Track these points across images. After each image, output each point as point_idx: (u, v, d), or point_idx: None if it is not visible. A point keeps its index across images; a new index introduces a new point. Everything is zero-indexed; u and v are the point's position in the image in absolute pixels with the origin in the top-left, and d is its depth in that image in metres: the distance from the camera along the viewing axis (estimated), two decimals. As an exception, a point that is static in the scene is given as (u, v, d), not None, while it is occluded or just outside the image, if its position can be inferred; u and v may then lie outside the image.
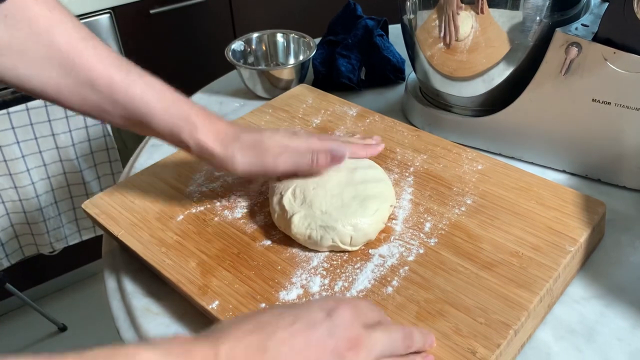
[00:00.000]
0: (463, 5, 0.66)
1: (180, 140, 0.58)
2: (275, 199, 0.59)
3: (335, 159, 0.59)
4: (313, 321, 0.42)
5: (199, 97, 0.96)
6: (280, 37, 0.97)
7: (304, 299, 0.52)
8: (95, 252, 0.85)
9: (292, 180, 0.60)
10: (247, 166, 0.59)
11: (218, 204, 0.64)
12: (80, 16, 1.39)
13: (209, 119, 0.59)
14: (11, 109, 1.32)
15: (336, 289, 0.53)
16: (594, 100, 0.65)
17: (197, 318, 0.55)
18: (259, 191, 0.66)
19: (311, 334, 0.41)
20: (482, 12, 0.66)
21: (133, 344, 0.37)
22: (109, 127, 1.45)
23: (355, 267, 0.55)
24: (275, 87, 0.90)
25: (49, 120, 1.37)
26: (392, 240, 0.58)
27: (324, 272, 0.55)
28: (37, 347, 1.65)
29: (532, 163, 0.73)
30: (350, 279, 0.54)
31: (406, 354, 0.45)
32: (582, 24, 0.66)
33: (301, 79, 0.91)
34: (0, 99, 1.36)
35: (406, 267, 0.54)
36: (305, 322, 0.41)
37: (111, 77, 0.55)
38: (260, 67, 0.95)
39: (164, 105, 0.57)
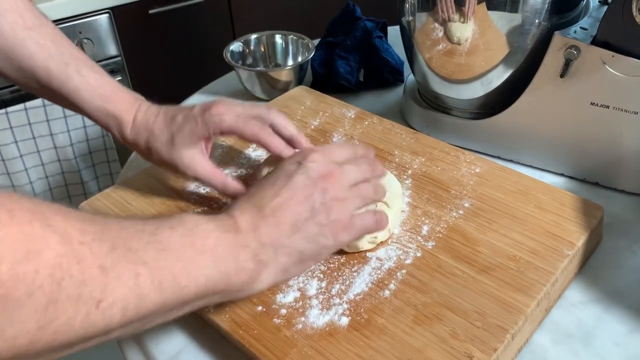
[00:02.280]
0: (462, 7, 0.66)
1: (113, 134, 0.62)
2: None
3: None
4: (288, 173, 0.49)
5: (197, 97, 0.96)
6: (278, 39, 0.97)
7: (301, 302, 0.52)
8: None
9: None
10: (165, 161, 0.61)
11: (216, 205, 0.64)
12: (80, 16, 1.39)
13: (135, 116, 0.61)
14: (9, 109, 1.31)
15: (333, 291, 0.53)
16: (592, 103, 0.65)
17: (194, 320, 0.55)
18: (257, 193, 0.66)
19: (291, 183, 0.48)
20: (481, 15, 0.66)
21: (189, 214, 0.45)
22: (107, 127, 1.45)
23: (353, 270, 0.55)
24: (273, 88, 0.90)
25: (47, 120, 1.37)
26: (389, 243, 0.58)
27: (321, 275, 0.55)
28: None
29: (530, 166, 0.73)
30: (348, 282, 0.54)
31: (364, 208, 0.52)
32: (580, 27, 0.66)
33: (299, 81, 0.91)
34: (-2, 98, 1.36)
35: (403, 271, 0.54)
36: (282, 177, 0.49)
37: (49, 70, 0.59)
38: (258, 69, 0.95)
39: (96, 105, 0.61)
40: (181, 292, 0.40)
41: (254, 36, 0.96)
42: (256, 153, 0.73)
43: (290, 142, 0.60)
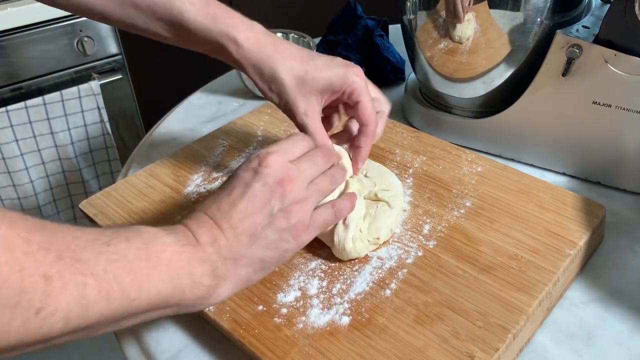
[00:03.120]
0: (463, 5, 0.66)
1: (229, 56, 0.58)
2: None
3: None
4: (245, 182, 0.47)
5: (198, 96, 0.96)
6: (279, 37, 0.97)
7: (302, 302, 0.52)
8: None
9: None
10: (290, 81, 0.57)
11: (216, 204, 0.64)
12: (80, 16, 1.39)
13: (252, 33, 0.58)
14: (10, 107, 1.31)
15: (334, 291, 0.53)
16: (594, 102, 0.65)
17: (194, 320, 0.55)
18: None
19: (248, 192, 0.47)
20: (483, 13, 0.65)
21: (146, 227, 0.44)
22: (108, 126, 1.45)
23: (354, 269, 0.55)
24: (274, 87, 0.89)
25: (48, 119, 1.36)
26: (390, 242, 0.57)
27: (322, 275, 0.55)
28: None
29: (531, 165, 0.73)
30: (349, 281, 0.54)
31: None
32: (583, 26, 0.65)
33: (301, 79, 0.90)
34: (-1, 96, 1.36)
35: (405, 270, 0.54)
36: (239, 186, 0.47)
37: None
38: (259, 67, 0.95)
39: (203, 25, 0.57)
40: (130, 304, 0.39)
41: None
42: (256, 151, 0.72)
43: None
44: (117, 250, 0.39)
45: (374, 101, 0.59)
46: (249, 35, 0.57)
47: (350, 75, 0.56)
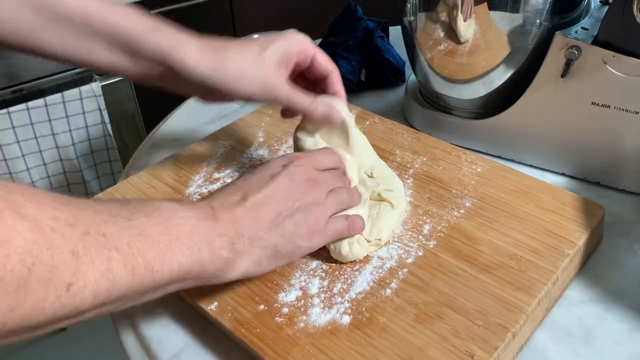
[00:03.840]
0: (463, 7, 0.66)
1: (169, 63, 0.55)
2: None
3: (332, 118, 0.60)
4: (273, 173, 0.51)
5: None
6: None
7: (303, 301, 0.52)
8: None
9: None
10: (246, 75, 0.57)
11: (217, 205, 0.64)
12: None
13: (196, 37, 0.57)
14: (11, 109, 1.32)
15: (335, 290, 0.53)
16: (593, 103, 0.65)
17: (196, 319, 0.55)
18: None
19: (275, 182, 0.50)
20: (483, 15, 0.66)
21: (153, 200, 0.47)
22: (109, 127, 1.45)
23: (354, 269, 0.55)
24: (275, 88, 0.90)
25: (49, 120, 1.37)
26: (391, 242, 0.58)
27: (323, 274, 0.55)
28: (36, 347, 1.65)
29: (531, 166, 0.73)
30: (349, 280, 0.54)
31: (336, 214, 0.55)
32: (582, 27, 0.66)
33: (301, 80, 0.91)
34: (0, 98, 1.36)
35: (405, 270, 0.55)
36: (267, 175, 0.51)
37: (86, 8, 0.54)
38: (260, 68, 0.95)
39: (147, 29, 0.55)
40: (154, 276, 0.41)
41: (255, 36, 0.96)
42: (258, 152, 0.73)
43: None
44: (138, 225, 0.41)
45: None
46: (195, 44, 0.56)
47: (294, 38, 0.59)
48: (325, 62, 0.60)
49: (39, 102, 1.34)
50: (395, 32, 0.94)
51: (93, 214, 0.39)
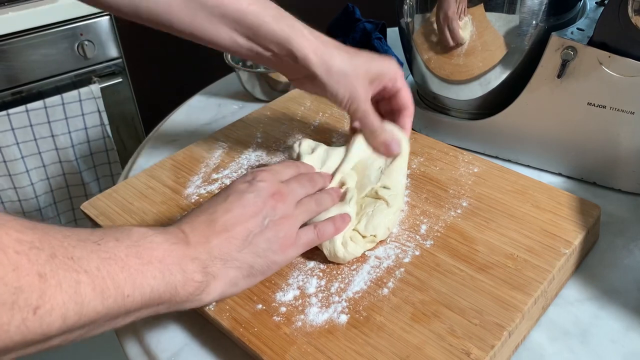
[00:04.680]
0: (460, 8, 0.67)
1: (289, 49, 0.59)
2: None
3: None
4: (239, 192, 0.51)
5: (197, 99, 0.96)
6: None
7: (301, 300, 0.53)
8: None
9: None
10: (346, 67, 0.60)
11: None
12: (81, 18, 1.40)
13: (309, 28, 0.61)
14: (11, 110, 1.32)
15: (332, 290, 0.53)
16: (589, 103, 0.65)
17: (194, 319, 0.55)
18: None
19: (243, 200, 0.50)
20: (479, 16, 0.66)
21: (136, 227, 0.45)
22: (108, 129, 1.46)
23: (352, 268, 0.56)
24: (273, 89, 0.90)
25: (49, 122, 1.37)
26: (388, 242, 0.58)
27: (321, 274, 0.55)
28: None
29: (528, 166, 0.74)
30: (347, 280, 0.54)
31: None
32: (577, 28, 0.66)
33: (299, 82, 0.91)
34: None
35: (402, 269, 0.55)
36: (233, 194, 0.51)
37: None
38: (258, 70, 0.96)
39: (272, 14, 0.59)
40: (124, 300, 0.40)
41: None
42: (256, 153, 0.73)
43: None
44: (107, 249, 0.40)
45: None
46: (312, 37, 0.60)
47: (392, 66, 0.63)
48: (407, 98, 0.65)
49: (39, 104, 1.34)
50: (392, 33, 0.94)
51: (61, 238, 0.38)
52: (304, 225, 0.54)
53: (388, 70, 0.63)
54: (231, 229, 0.49)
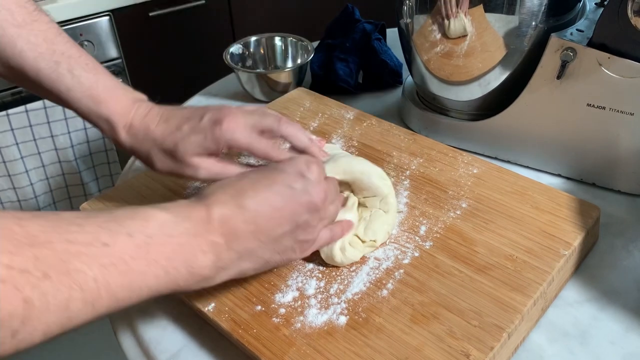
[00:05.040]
0: (459, 9, 0.67)
1: (105, 135, 0.60)
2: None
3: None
4: (289, 182, 0.48)
5: (197, 99, 0.96)
6: (278, 41, 0.98)
7: (300, 302, 0.53)
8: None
9: None
10: (166, 170, 0.57)
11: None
12: (80, 18, 1.40)
13: (132, 120, 0.58)
14: (10, 111, 1.32)
15: (331, 291, 0.53)
16: (588, 104, 0.65)
17: (193, 320, 0.55)
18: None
19: (288, 193, 0.47)
20: (479, 17, 0.66)
21: (147, 207, 0.43)
22: (107, 129, 1.46)
23: (351, 269, 0.55)
24: (273, 90, 0.90)
25: (48, 122, 1.37)
26: (387, 243, 0.58)
27: (320, 275, 0.55)
28: (34, 347, 1.64)
29: (527, 167, 0.74)
30: (346, 281, 0.54)
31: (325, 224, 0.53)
32: (577, 29, 0.66)
33: (299, 82, 0.91)
34: (-1, 100, 1.37)
35: (401, 270, 0.55)
36: (282, 183, 0.48)
37: (39, 70, 0.57)
38: (258, 71, 0.96)
39: (87, 106, 0.58)
40: (118, 304, 0.39)
41: (253, 38, 0.97)
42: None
43: (303, 152, 0.57)
44: (113, 253, 0.38)
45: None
46: (125, 122, 0.58)
47: (222, 132, 0.54)
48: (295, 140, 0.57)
49: (38, 104, 1.34)
50: (392, 34, 0.95)
51: (64, 245, 0.36)
52: None
53: (204, 144, 0.55)
54: (263, 222, 0.46)
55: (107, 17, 1.43)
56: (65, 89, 0.57)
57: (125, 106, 0.58)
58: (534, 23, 0.66)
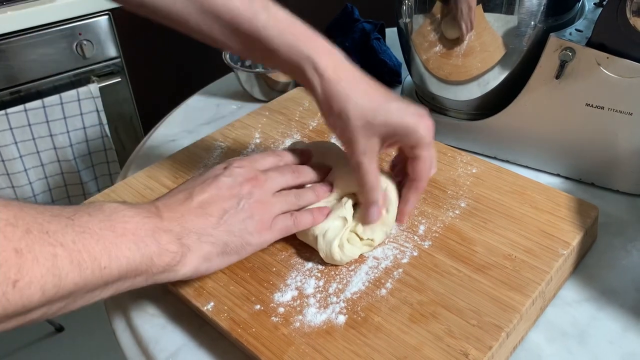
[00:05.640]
0: (458, 9, 0.67)
1: (305, 79, 0.54)
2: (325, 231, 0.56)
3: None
4: (216, 175, 0.53)
5: (196, 99, 0.96)
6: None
7: (299, 301, 0.53)
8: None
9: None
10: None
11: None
12: (80, 17, 1.40)
13: (332, 61, 0.54)
14: (9, 110, 1.32)
15: (330, 290, 0.53)
16: (587, 104, 0.66)
17: (192, 319, 0.55)
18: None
19: (219, 183, 0.52)
20: (478, 17, 0.66)
21: (107, 202, 0.46)
22: (107, 128, 1.46)
23: (350, 269, 0.56)
24: (272, 89, 0.90)
25: (47, 121, 1.37)
26: (386, 242, 0.58)
27: (319, 274, 0.55)
28: (34, 347, 1.65)
29: (526, 167, 0.74)
30: (345, 281, 0.54)
31: (302, 208, 0.56)
32: (576, 29, 0.66)
33: (298, 82, 0.91)
34: (-2, 99, 1.37)
35: (400, 270, 0.55)
36: (210, 178, 0.53)
37: (236, 8, 0.53)
38: (257, 70, 0.96)
39: (288, 42, 0.53)
40: (102, 272, 0.42)
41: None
42: (254, 154, 0.73)
43: None
44: (81, 224, 0.41)
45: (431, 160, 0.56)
46: (328, 64, 0.53)
47: (420, 129, 0.53)
48: (422, 171, 0.55)
49: (37, 103, 1.34)
50: (391, 33, 0.95)
51: (35, 214, 0.39)
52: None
53: (409, 132, 0.53)
54: (206, 207, 0.50)
55: (106, 17, 1.43)
56: (262, 26, 0.53)
57: (324, 46, 0.54)
58: (533, 23, 0.66)
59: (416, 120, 0.53)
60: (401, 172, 0.60)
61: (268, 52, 0.54)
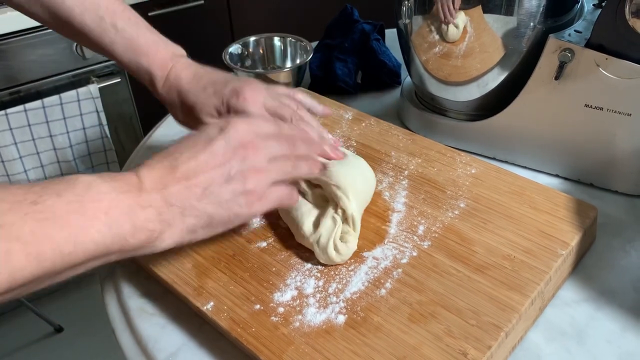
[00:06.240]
0: (458, 10, 0.67)
1: (152, 86, 0.65)
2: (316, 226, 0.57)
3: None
4: (209, 138, 0.49)
5: (196, 99, 0.96)
6: (277, 41, 0.98)
7: (298, 301, 0.53)
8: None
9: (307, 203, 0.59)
10: (184, 123, 0.66)
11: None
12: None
13: (168, 73, 0.64)
14: (9, 110, 1.32)
15: (330, 290, 0.54)
16: (586, 105, 0.66)
17: (192, 319, 0.56)
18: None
19: (210, 147, 0.48)
20: (477, 18, 0.67)
21: (73, 175, 0.43)
22: (106, 129, 1.46)
23: (349, 269, 0.56)
24: (272, 90, 0.90)
25: (47, 122, 1.37)
26: (386, 243, 0.58)
27: (318, 274, 0.55)
28: (33, 348, 1.65)
29: (525, 167, 0.74)
30: (344, 280, 0.54)
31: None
32: (575, 30, 0.67)
33: (298, 83, 0.92)
34: (-2, 100, 1.37)
35: (399, 270, 0.55)
36: (202, 141, 0.49)
37: (84, 23, 0.63)
38: (257, 71, 0.96)
39: (129, 58, 0.64)
40: (64, 259, 0.40)
41: (252, 38, 0.97)
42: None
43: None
44: (45, 209, 0.39)
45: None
46: (162, 75, 0.64)
47: (237, 102, 0.59)
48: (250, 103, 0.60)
49: (37, 103, 1.34)
50: (391, 34, 0.95)
51: None
52: None
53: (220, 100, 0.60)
54: (193, 177, 0.47)
55: (106, 17, 1.43)
56: (109, 42, 0.63)
57: (164, 59, 0.64)
58: (532, 24, 0.66)
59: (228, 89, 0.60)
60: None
61: (120, 63, 0.65)
